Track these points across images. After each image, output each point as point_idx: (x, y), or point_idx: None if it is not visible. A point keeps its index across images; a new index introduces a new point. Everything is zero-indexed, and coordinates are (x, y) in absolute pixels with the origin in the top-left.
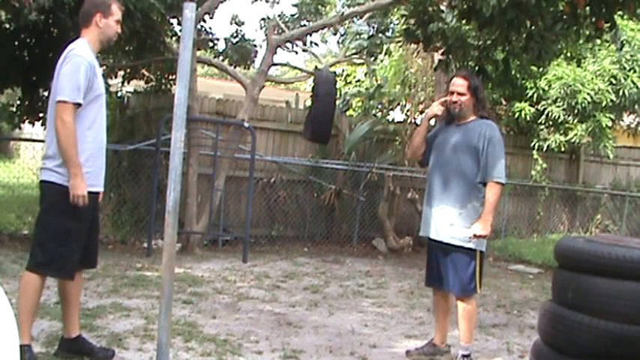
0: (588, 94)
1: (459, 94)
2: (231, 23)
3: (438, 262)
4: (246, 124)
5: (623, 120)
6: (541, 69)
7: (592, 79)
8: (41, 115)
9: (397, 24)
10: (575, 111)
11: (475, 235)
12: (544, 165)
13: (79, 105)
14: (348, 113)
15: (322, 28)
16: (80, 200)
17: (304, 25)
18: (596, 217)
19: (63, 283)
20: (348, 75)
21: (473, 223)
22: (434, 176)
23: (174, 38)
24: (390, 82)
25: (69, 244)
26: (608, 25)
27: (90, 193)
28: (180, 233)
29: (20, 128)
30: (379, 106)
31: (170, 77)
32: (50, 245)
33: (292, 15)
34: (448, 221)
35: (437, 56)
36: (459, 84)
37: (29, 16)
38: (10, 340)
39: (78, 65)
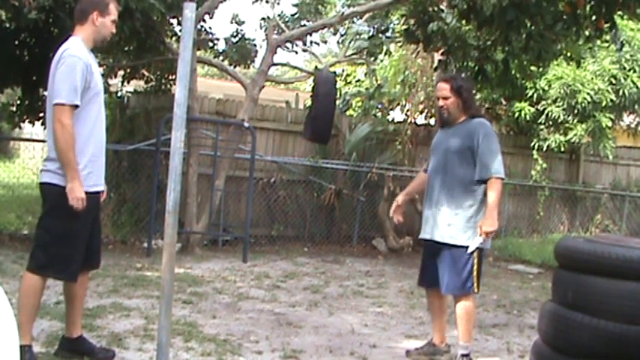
0: (588, 94)
1: (444, 98)
2: (231, 22)
3: (435, 262)
4: (246, 124)
5: (623, 120)
6: (541, 69)
7: (592, 79)
8: (41, 114)
9: (397, 24)
10: (575, 111)
11: (485, 233)
12: (544, 165)
13: (76, 106)
14: (348, 113)
15: (322, 28)
16: (79, 203)
17: (304, 25)
18: (596, 217)
19: (68, 284)
20: (348, 75)
21: (470, 221)
22: (431, 179)
23: (174, 38)
24: (390, 82)
25: (72, 245)
26: (608, 25)
27: (92, 193)
28: (180, 233)
29: (20, 128)
30: (379, 106)
31: (170, 77)
32: (53, 247)
33: (292, 15)
34: (446, 222)
35: (437, 56)
36: (442, 88)
37: (29, 15)
38: (10, 340)
39: (73, 66)
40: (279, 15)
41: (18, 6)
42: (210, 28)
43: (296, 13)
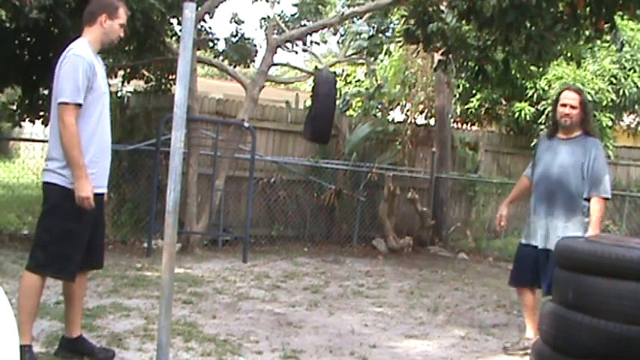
0: (588, 93)
1: (572, 107)
2: (230, 22)
3: (535, 266)
4: (246, 124)
5: (623, 120)
6: (541, 69)
7: (592, 78)
8: (41, 113)
9: (397, 24)
10: None
11: None
12: None
13: (79, 105)
14: (348, 113)
15: (322, 28)
16: (86, 202)
17: (304, 25)
18: None
19: (67, 284)
20: (348, 75)
21: (579, 233)
22: (541, 189)
23: (174, 38)
24: (390, 82)
25: (71, 245)
26: (608, 25)
27: (95, 194)
28: (181, 233)
29: (21, 126)
30: (379, 106)
31: (170, 77)
32: (52, 247)
33: (292, 15)
34: (557, 232)
35: (437, 56)
36: (572, 97)
37: (30, 15)
38: (10, 340)
39: (76, 65)
40: (279, 15)
41: (19, 5)
42: (210, 28)
43: (296, 13)
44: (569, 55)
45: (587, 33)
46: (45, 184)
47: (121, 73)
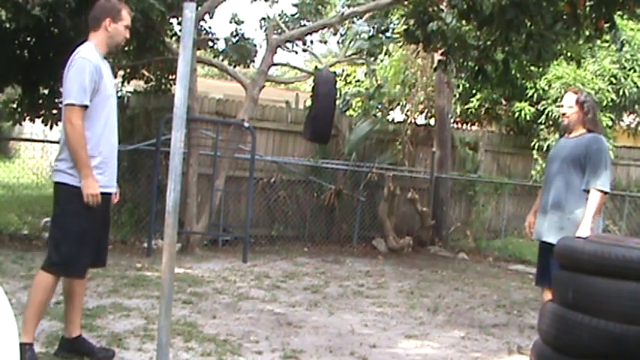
0: (588, 93)
1: (569, 106)
2: (230, 22)
3: (548, 262)
4: (246, 124)
5: (623, 120)
6: (541, 69)
7: (592, 78)
8: (42, 112)
9: (397, 24)
10: None
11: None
12: (544, 165)
13: (86, 107)
14: (348, 113)
15: (322, 28)
16: (93, 200)
17: (304, 25)
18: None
19: (69, 282)
20: (348, 75)
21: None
22: (546, 186)
23: (174, 38)
24: (390, 82)
25: (81, 244)
26: (608, 25)
27: (103, 194)
28: (181, 233)
29: (21, 124)
30: (379, 106)
31: (170, 77)
32: (63, 245)
33: (292, 15)
34: (559, 225)
35: (437, 56)
36: (569, 97)
37: (32, 11)
38: (10, 340)
39: (83, 67)
40: (279, 15)
41: (21, 2)
42: (210, 28)
43: (296, 13)
44: (569, 54)
45: (587, 32)
46: (56, 184)
47: (121, 73)
